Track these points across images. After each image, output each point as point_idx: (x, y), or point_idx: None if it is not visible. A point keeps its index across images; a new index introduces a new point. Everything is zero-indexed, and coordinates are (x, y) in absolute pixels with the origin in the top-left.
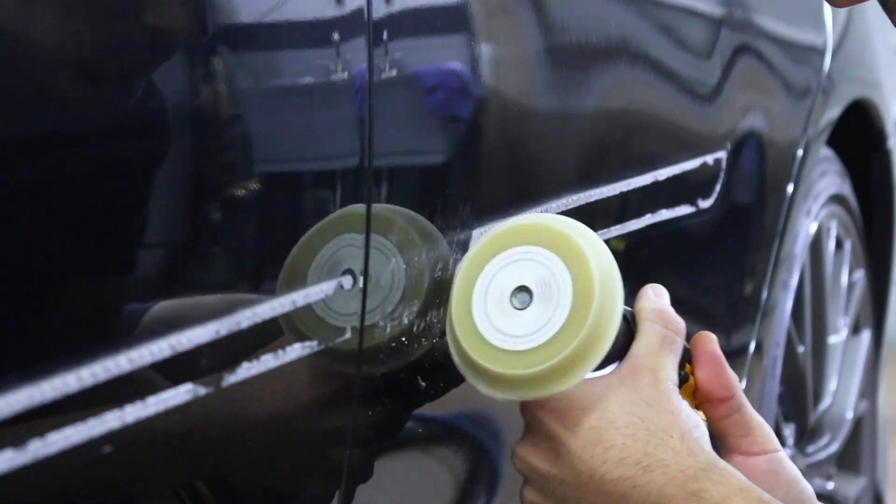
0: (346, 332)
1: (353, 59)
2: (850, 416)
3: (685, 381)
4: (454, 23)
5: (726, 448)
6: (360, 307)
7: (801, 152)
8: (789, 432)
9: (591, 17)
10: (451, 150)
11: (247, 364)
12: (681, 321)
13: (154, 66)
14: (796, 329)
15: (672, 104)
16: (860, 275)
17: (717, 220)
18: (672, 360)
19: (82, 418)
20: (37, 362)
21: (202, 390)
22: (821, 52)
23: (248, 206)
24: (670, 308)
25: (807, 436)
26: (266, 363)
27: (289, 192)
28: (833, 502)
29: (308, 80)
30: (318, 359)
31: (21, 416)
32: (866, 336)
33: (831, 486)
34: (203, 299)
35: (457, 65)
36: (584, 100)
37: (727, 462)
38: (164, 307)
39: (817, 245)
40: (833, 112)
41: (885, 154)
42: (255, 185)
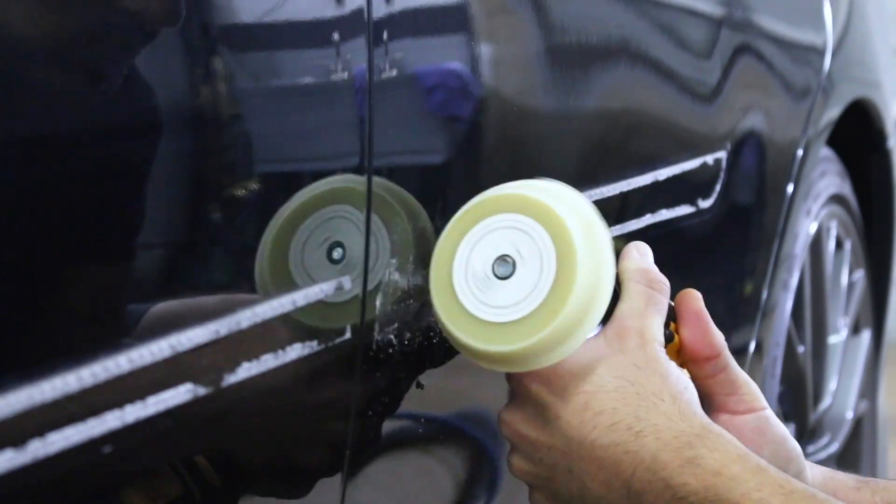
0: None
1: (353, 59)
2: (850, 416)
3: (670, 340)
4: (454, 23)
5: (713, 407)
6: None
7: (801, 152)
8: (789, 432)
9: (591, 17)
10: (451, 150)
11: (247, 364)
12: (665, 280)
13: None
14: (796, 329)
15: (672, 104)
16: (860, 275)
17: (717, 220)
18: (658, 320)
19: (82, 418)
20: (37, 362)
21: (202, 390)
22: (821, 52)
23: (249, 206)
24: (654, 267)
25: (807, 436)
26: (266, 363)
27: (289, 192)
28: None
29: (308, 80)
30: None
31: (21, 416)
32: (866, 336)
33: None
34: (203, 299)
35: (457, 65)
36: (584, 100)
37: (713, 420)
38: (164, 307)
39: (817, 245)
40: (833, 112)
41: (885, 154)
42: (255, 185)
